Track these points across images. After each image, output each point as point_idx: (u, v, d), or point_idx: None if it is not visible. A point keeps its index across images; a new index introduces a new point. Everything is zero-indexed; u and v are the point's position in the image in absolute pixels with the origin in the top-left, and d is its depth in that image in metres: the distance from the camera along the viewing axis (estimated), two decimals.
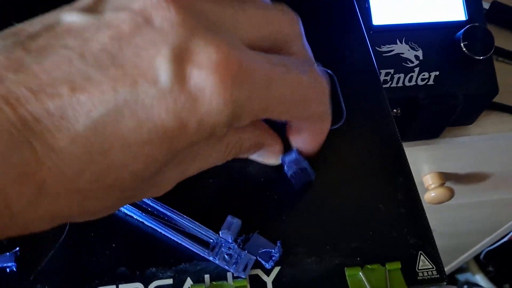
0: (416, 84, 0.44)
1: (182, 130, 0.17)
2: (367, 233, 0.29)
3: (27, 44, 0.16)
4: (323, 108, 0.24)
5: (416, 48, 0.45)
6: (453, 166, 0.59)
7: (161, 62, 0.16)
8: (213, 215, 0.28)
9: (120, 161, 0.16)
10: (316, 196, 0.31)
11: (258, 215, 0.29)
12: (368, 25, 0.45)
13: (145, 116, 0.16)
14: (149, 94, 0.16)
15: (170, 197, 0.27)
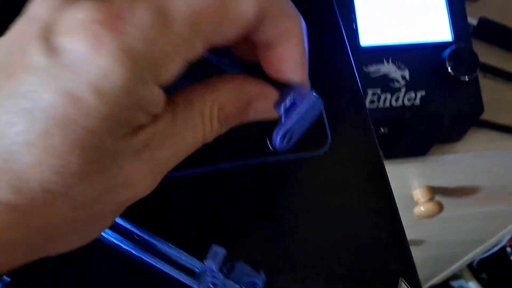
0: (402, 104, 0.45)
1: (80, 106, 0.14)
2: (350, 258, 0.30)
3: None
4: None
5: (402, 68, 0.45)
6: (442, 181, 0.60)
7: (32, 45, 0.15)
8: (198, 242, 0.28)
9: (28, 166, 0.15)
10: (299, 222, 0.31)
11: (243, 241, 0.30)
12: (356, 45, 0.46)
13: (32, 105, 0.14)
14: (30, 82, 0.14)
15: (155, 223, 0.28)
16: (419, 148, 0.49)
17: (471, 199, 0.66)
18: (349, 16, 0.46)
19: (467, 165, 0.55)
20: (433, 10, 0.48)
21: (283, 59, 0.20)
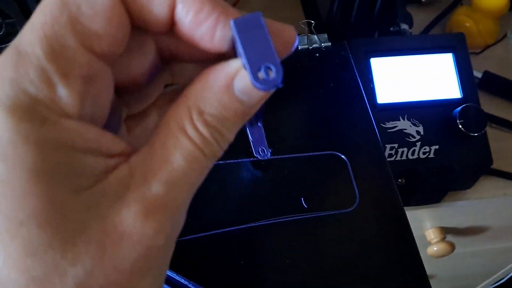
0: (418, 157, 0.49)
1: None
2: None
3: None
4: None
5: (417, 124, 0.50)
6: (453, 222, 0.63)
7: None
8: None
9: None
10: (333, 274, 0.35)
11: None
12: (373, 104, 0.50)
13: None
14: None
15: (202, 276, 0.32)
16: (434, 197, 0.52)
17: (481, 237, 0.69)
18: (366, 77, 0.51)
19: (477, 209, 0.59)
20: (442, 70, 0.52)
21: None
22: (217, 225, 0.37)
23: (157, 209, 0.15)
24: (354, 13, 0.55)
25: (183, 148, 0.16)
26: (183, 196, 0.16)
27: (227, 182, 0.39)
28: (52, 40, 0.14)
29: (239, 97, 0.16)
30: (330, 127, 0.44)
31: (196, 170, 0.16)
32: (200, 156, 0.16)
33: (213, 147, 0.16)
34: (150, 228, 0.15)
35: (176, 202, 0.16)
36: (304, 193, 0.39)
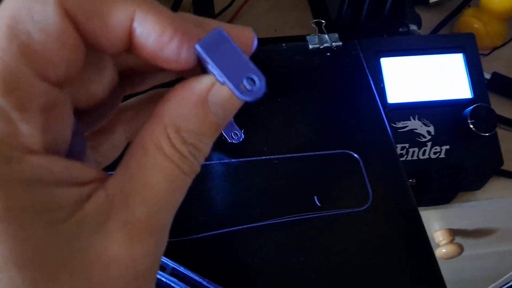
0: (429, 157, 0.49)
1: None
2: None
3: None
4: None
5: (428, 124, 0.49)
6: (462, 223, 0.63)
7: None
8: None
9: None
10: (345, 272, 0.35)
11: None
12: (384, 103, 0.50)
13: None
14: None
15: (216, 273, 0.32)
16: (444, 197, 0.52)
17: (489, 239, 0.69)
18: (376, 76, 0.51)
19: (486, 210, 0.59)
20: (453, 70, 0.52)
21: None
22: (231, 223, 0.37)
23: (142, 233, 0.15)
24: (364, 14, 0.55)
25: (162, 168, 0.15)
26: (167, 216, 0.16)
27: (241, 181, 0.39)
28: (4, 74, 0.14)
29: (214, 111, 0.16)
30: (343, 126, 0.44)
31: (177, 188, 0.16)
32: (180, 175, 0.16)
33: (191, 164, 0.16)
34: (137, 253, 0.15)
35: (160, 222, 0.16)
36: (317, 192, 0.39)
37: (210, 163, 0.39)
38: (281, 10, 0.72)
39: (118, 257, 0.14)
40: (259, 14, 0.71)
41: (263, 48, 0.49)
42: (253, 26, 0.61)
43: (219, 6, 0.70)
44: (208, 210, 0.37)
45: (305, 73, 0.47)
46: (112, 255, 0.14)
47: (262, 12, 0.71)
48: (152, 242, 0.15)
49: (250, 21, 0.70)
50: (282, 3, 0.73)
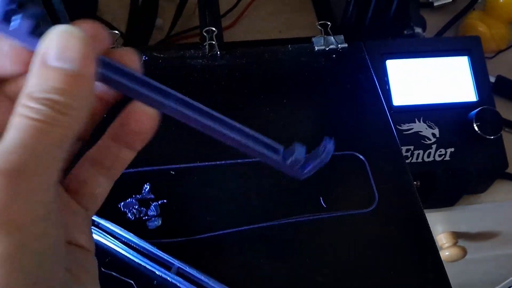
0: (434, 160, 0.49)
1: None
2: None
3: None
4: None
5: (433, 126, 0.49)
6: (465, 226, 0.63)
7: None
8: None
9: None
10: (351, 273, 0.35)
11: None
12: (389, 106, 0.50)
13: None
14: None
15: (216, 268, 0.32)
16: (448, 200, 0.52)
17: (492, 243, 0.69)
18: (382, 78, 0.51)
19: (490, 213, 0.59)
20: (458, 73, 0.52)
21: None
22: (237, 223, 0.37)
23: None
24: (369, 16, 0.55)
25: (14, 123, 0.18)
26: (28, 159, 0.17)
27: (247, 181, 0.39)
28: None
29: (56, 66, 0.18)
30: (348, 128, 0.44)
31: (33, 134, 0.18)
32: (30, 121, 0.18)
33: (44, 111, 0.18)
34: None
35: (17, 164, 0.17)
36: (323, 193, 0.39)
37: (215, 163, 0.39)
38: (285, 12, 0.72)
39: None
40: (263, 16, 0.71)
41: (269, 49, 0.49)
42: (257, 28, 0.61)
43: (223, 8, 0.70)
44: (214, 210, 0.37)
45: (311, 75, 0.47)
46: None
47: (267, 14, 0.72)
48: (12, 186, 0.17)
49: (254, 23, 0.70)
50: (287, 4, 0.73)
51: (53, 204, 0.18)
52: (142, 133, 0.21)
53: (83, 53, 0.19)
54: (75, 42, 0.19)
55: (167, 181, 0.39)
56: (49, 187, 0.18)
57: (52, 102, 0.18)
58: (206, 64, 0.47)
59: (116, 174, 0.23)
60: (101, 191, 0.23)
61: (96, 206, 0.23)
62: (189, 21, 0.69)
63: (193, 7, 0.70)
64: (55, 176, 0.18)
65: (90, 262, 0.22)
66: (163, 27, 0.69)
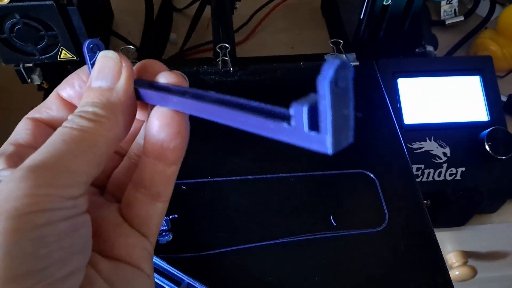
0: (444, 179, 0.49)
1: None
2: None
3: None
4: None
5: (444, 145, 0.49)
6: (475, 245, 0.62)
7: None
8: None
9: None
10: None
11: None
12: (400, 124, 0.50)
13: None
14: None
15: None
16: (459, 220, 0.52)
17: (502, 263, 0.68)
18: (393, 97, 0.51)
19: (501, 233, 0.58)
20: (469, 92, 0.52)
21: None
22: (246, 240, 0.37)
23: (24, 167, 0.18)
24: (382, 34, 0.56)
25: (57, 131, 0.20)
26: (69, 159, 0.19)
27: (257, 198, 0.39)
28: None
29: (95, 86, 0.22)
30: (359, 146, 0.44)
31: (72, 140, 0.20)
32: (70, 130, 0.20)
33: (77, 120, 0.20)
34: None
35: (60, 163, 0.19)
36: (333, 211, 0.39)
37: (226, 179, 0.40)
38: (298, 28, 0.73)
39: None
40: (276, 32, 0.72)
41: (281, 66, 0.50)
42: (270, 43, 0.62)
43: (236, 23, 0.71)
44: (224, 226, 0.38)
45: None
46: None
47: (279, 30, 0.72)
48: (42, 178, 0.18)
49: (267, 38, 0.71)
50: (299, 21, 0.74)
51: (77, 202, 0.19)
52: (169, 141, 0.21)
53: (115, 71, 0.21)
54: (109, 63, 0.21)
55: (178, 196, 0.39)
56: (76, 186, 0.19)
57: (84, 113, 0.20)
58: (219, 80, 0.48)
59: (160, 194, 0.22)
60: (149, 213, 0.22)
61: (148, 228, 0.22)
62: (202, 36, 0.70)
63: (206, 21, 0.71)
64: (81, 177, 0.19)
65: (142, 283, 0.22)
66: (177, 41, 0.70)
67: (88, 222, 0.20)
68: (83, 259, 0.19)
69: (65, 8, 0.37)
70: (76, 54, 0.39)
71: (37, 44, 0.39)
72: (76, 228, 0.19)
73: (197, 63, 0.62)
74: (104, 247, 0.22)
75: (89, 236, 0.20)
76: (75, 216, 0.19)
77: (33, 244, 0.17)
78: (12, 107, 0.61)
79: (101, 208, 0.23)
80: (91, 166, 0.20)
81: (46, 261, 0.17)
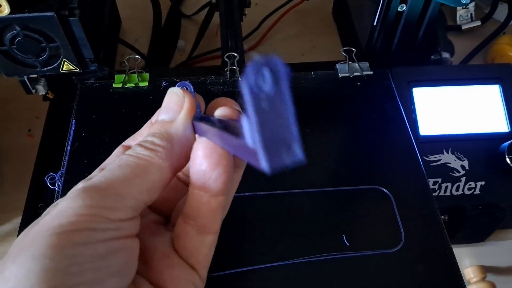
0: (463, 193, 0.46)
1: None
2: None
3: None
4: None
5: (462, 158, 0.47)
6: (494, 260, 0.60)
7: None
8: None
9: None
10: None
11: None
12: (415, 136, 0.48)
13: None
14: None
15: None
16: (478, 236, 0.50)
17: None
18: (408, 107, 0.49)
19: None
20: (489, 102, 0.50)
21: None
22: (255, 260, 0.35)
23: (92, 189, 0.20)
24: (396, 41, 0.54)
25: (119, 159, 0.22)
26: (121, 185, 0.20)
27: (267, 215, 0.37)
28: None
29: (161, 118, 0.24)
30: (373, 160, 0.42)
31: (134, 168, 0.21)
32: (123, 156, 0.22)
33: (137, 148, 0.22)
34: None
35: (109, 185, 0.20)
36: (346, 230, 0.37)
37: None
38: (308, 35, 0.71)
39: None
40: (286, 38, 0.70)
41: (291, 76, 0.48)
42: (280, 50, 0.60)
43: (246, 29, 0.70)
44: (230, 246, 0.36)
45: (335, 103, 0.46)
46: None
47: (290, 36, 0.71)
48: (110, 203, 0.20)
49: (277, 45, 0.69)
50: (310, 27, 0.72)
51: (122, 225, 0.20)
52: (210, 172, 0.21)
53: (178, 105, 0.23)
54: (174, 98, 0.23)
55: None
56: (122, 210, 0.20)
57: (144, 142, 0.22)
58: (227, 90, 0.46)
59: (207, 226, 0.22)
60: (196, 246, 0.23)
61: (197, 261, 0.23)
62: (211, 43, 0.69)
63: (215, 28, 0.69)
64: (129, 202, 0.20)
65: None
66: (185, 48, 0.69)
67: (131, 247, 0.21)
68: (118, 283, 0.20)
69: (66, 20, 0.35)
70: (79, 66, 0.38)
71: (38, 56, 0.38)
72: (114, 251, 0.19)
73: (205, 71, 0.60)
74: (152, 275, 0.22)
75: (130, 260, 0.20)
76: (116, 238, 0.20)
77: (66, 261, 0.18)
78: (20, 116, 0.60)
79: (158, 236, 0.24)
80: (141, 191, 0.20)
81: (77, 279, 0.18)
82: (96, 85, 0.44)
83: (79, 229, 0.18)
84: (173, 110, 0.23)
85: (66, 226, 0.18)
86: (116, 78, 0.45)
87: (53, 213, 0.19)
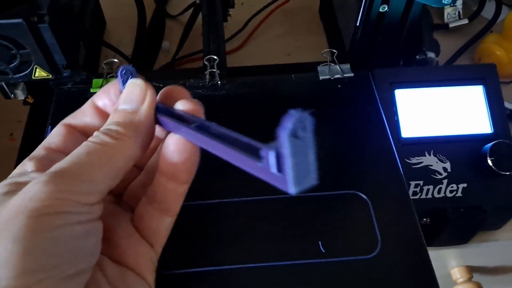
0: (445, 196, 0.46)
1: None
2: None
3: None
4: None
5: (444, 160, 0.47)
6: (480, 260, 0.60)
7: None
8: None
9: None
10: None
11: None
12: (397, 138, 0.48)
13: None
14: None
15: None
16: (461, 238, 0.49)
17: (509, 277, 0.65)
18: (390, 109, 0.48)
19: (506, 250, 0.55)
20: (472, 103, 0.49)
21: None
22: (227, 261, 0.35)
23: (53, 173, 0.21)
24: (380, 41, 0.53)
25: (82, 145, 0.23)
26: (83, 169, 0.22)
27: (243, 220, 0.37)
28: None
29: (121, 108, 0.25)
30: (351, 164, 0.41)
31: (83, 151, 0.22)
32: (86, 143, 0.23)
33: (101, 136, 0.23)
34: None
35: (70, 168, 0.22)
36: (321, 236, 0.37)
37: (209, 202, 0.38)
38: (295, 34, 0.70)
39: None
40: (272, 38, 0.70)
41: (271, 78, 0.47)
42: (265, 50, 0.59)
43: (232, 29, 0.69)
44: (206, 247, 0.36)
45: (314, 106, 0.45)
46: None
47: (276, 36, 0.70)
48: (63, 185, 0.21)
49: (262, 45, 0.69)
50: (296, 27, 0.71)
51: (92, 209, 0.21)
52: (181, 164, 0.24)
53: (140, 97, 0.24)
54: (136, 89, 0.25)
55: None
56: (89, 193, 0.21)
57: (108, 130, 0.23)
58: (206, 94, 0.46)
59: (170, 209, 0.25)
60: (158, 226, 0.25)
61: (156, 240, 0.25)
62: (196, 43, 0.68)
63: (200, 29, 0.69)
64: (98, 187, 0.22)
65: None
66: (170, 49, 0.68)
67: (100, 228, 0.22)
68: (91, 261, 0.21)
69: (36, 26, 0.35)
70: (51, 73, 0.38)
71: (9, 63, 0.37)
72: (88, 232, 0.21)
73: (187, 74, 0.60)
74: (114, 253, 0.24)
75: (99, 240, 0.22)
76: (89, 221, 0.21)
77: (48, 242, 0.19)
78: (1, 120, 0.60)
79: (116, 216, 0.25)
80: (108, 177, 0.22)
81: (58, 259, 0.19)
82: (73, 90, 0.44)
83: (55, 212, 0.19)
84: (136, 101, 0.24)
85: (43, 210, 0.19)
86: (94, 83, 0.44)
87: (25, 196, 0.20)
